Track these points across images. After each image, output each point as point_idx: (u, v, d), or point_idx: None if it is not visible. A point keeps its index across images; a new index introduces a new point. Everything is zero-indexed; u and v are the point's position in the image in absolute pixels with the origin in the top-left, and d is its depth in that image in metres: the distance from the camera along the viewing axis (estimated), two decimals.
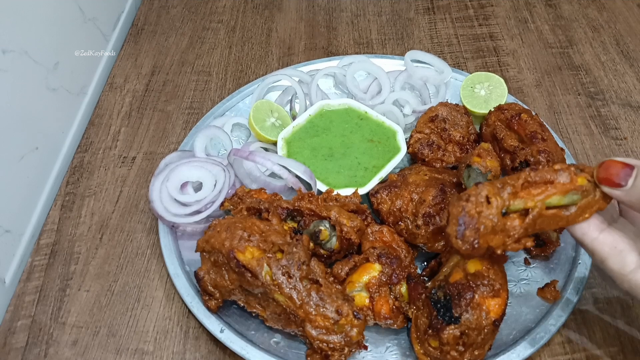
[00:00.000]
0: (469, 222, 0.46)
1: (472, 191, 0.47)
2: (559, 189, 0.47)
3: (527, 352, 0.58)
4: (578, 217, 0.48)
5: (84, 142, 0.86)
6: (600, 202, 0.48)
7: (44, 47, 0.79)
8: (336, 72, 0.88)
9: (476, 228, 0.46)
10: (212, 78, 0.96)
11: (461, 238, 0.46)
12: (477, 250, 0.46)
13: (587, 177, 0.47)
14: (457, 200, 0.47)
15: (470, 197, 0.46)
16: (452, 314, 0.53)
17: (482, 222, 0.46)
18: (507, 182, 0.47)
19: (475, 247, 0.46)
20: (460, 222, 0.46)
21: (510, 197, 0.47)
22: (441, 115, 0.76)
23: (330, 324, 0.55)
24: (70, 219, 0.75)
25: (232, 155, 0.72)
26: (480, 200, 0.46)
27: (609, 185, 0.46)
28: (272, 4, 1.12)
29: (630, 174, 0.45)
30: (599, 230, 0.48)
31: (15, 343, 0.64)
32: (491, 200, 0.46)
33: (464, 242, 0.46)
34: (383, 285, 0.59)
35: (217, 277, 0.59)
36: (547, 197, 0.47)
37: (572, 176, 0.47)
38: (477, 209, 0.46)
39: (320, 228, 0.62)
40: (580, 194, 0.47)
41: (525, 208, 0.47)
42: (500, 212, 0.47)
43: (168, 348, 0.63)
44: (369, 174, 0.73)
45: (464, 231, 0.46)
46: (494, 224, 0.46)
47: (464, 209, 0.46)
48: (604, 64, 0.96)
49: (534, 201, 0.47)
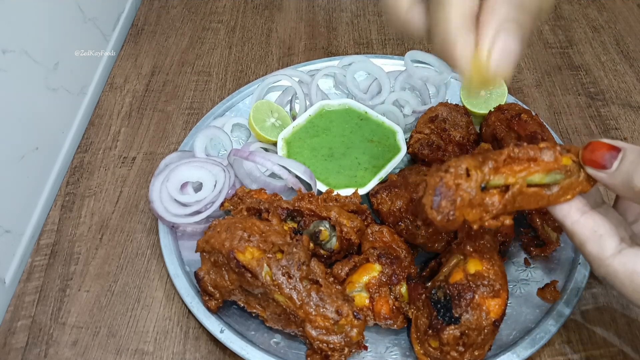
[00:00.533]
0: (446, 193, 0.44)
1: (452, 163, 0.45)
2: (542, 166, 0.45)
3: (527, 353, 0.58)
4: (560, 198, 0.46)
5: (84, 142, 0.86)
6: (584, 184, 0.46)
7: (44, 47, 0.79)
8: (336, 72, 0.88)
9: (453, 199, 0.44)
10: (212, 78, 0.96)
11: (436, 209, 0.44)
12: (452, 222, 0.45)
13: (572, 157, 0.46)
14: (436, 171, 0.46)
15: (449, 169, 0.45)
16: (452, 314, 0.53)
17: (459, 194, 0.44)
18: (490, 157, 0.46)
19: (451, 219, 0.44)
20: (437, 192, 0.44)
21: (490, 172, 0.45)
22: (441, 115, 0.76)
23: (330, 324, 0.55)
24: (70, 219, 0.75)
25: (232, 155, 0.72)
26: (459, 172, 0.45)
27: (593, 166, 0.44)
28: (272, 4, 1.12)
29: (616, 157, 0.43)
30: (581, 213, 0.46)
31: (15, 343, 0.64)
32: (471, 173, 0.45)
33: (438, 213, 0.44)
34: (383, 286, 0.60)
35: (217, 278, 0.59)
36: (529, 175, 0.45)
37: (556, 155, 0.46)
38: (455, 180, 0.44)
39: (320, 228, 0.62)
40: (564, 174, 0.46)
41: (505, 184, 0.46)
42: (479, 186, 0.45)
43: (168, 348, 0.63)
44: (369, 174, 0.73)
45: (440, 201, 0.44)
46: (472, 197, 0.45)
47: (442, 180, 0.45)
48: (604, 64, 0.96)
49: (515, 177, 0.45)
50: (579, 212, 0.46)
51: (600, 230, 0.45)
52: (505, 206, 0.46)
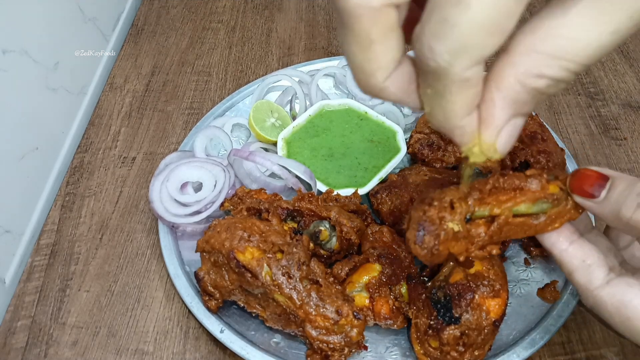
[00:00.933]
0: (429, 227, 0.43)
1: (435, 195, 0.45)
2: (528, 196, 0.45)
3: (527, 353, 0.58)
4: (548, 227, 0.46)
5: (84, 142, 0.86)
6: (572, 212, 0.45)
7: (44, 47, 0.79)
8: (336, 72, 0.88)
9: (436, 234, 0.43)
10: (212, 78, 0.96)
11: (420, 244, 0.44)
12: (437, 256, 0.44)
13: (560, 185, 0.45)
14: (420, 204, 0.45)
15: (432, 202, 0.44)
16: (452, 315, 0.53)
17: (443, 229, 0.44)
18: (475, 187, 0.45)
19: (434, 254, 0.44)
20: (420, 227, 0.44)
21: (475, 203, 0.45)
22: None
23: (330, 324, 0.55)
24: (70, 219, 0.75)
25: (232, 155, 0.72)
26: (443, 205, 0.44)
27: (581, 195, 0.43)
28: (272, 4, 1.12)
29: (604, 186, 0.42)
30: (569, 242, 0.45)
31: (15, 343, 0.64)
32: (455, 205, 0.44)
33: (422, 248, 0.44)
34: (383, 286, 0.59)
35: (217, 278, 0.59)
36: (515, 205, 0.44)
37: (543, 183, 0.45)
38: (439, 214, 0.44)
39: (320, 228, 0.62)
40: (551, 203, 0.45)
41: (491, 215, 0.45)
42: (464, 219, 0.45)
43: (168, 348, 0.63)
44: (369, 174, 0.73)
45: (423, 237, 0.44)
46: (456, 230, 0.44)
47: (425, 214, 0.44)
48: (604, 64, 0.96)
49: (500, 208, 0.45)
50: (567, 241, 0.45)
51: (588, 260, 0.44)
52: (492, 237, 0.45)
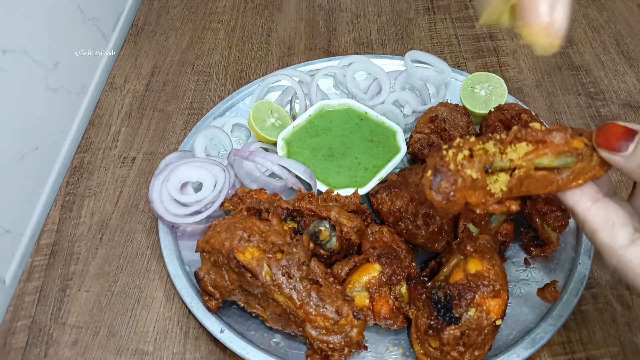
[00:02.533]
0: (446, 173, 0.41)
1: (454, 142, 0.43)
2: (552, 149, 0.42)
3: (527, 353, 0.58)
4: (571, 183, 0.43)
5: (84, 142, 0.86)
6: (597, 169, 0.43)
7: (44, 47, 0.79)
8: (336, 72, 0.88)
9: (454, 180, 0.41)
10: (212, 78, 0.96)
11: (436, 189, 0.41)
12: (453, 204, 0.42)
13: (584, 140, 0.43)
14: (437, 150, 0.43)
15: (451, 147, 0.42)
16: (452, 314, 0.53)
17: (460, 175, 0.41)
18: (495, 137, 0.43)
19: (451, 200, 0.41)
20: (437, 172, 0.41)
21: (496, 153, 0.42)
22: (441, 115, 0.76)
23: (330, 324, 0.55)
24: (70, 219, 0.75)
25: (232, 155, 0.72)
26: (462, 152, 0.42)
27: (608, 149, 0.42)
28: (272, 4, 1.12)
29: (632, 139, 0.41)
30: (593, 200, 0.43)
31: (15, 343, 0.64)
32: (475, 153, 0.42)
33: (438, 193, 0.41)
34: (383, 286, 0.59)
35: (217, 278, 0.59)
36: (537, 157, 0.42)
37: (567, 138, 0.42)
38: (457, 160, 0.42)
39: (320, 228, 0.62)
40: (575, 157, 0.42)
41: (511, 167, 0.42)
42: (483, 168, 0.42)
43: (168, 348, 0.63)
44: (369, 174, 0.73)
45: (440, 182, 0.41)
46: (475, 178, 0.42)
47: (443, 159, 0.42)
48: (604, 64, 0.96)
49: (521, 159, 0.42)
50: (590, 200, 0.43)
51: (613, 219, 0.42)
52: (511, 190, 0.43)
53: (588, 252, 0.66)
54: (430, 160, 0.43)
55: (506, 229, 0.65)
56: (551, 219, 0.64)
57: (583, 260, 0.65)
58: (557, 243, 0.66)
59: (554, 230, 0.65)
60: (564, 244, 0.67)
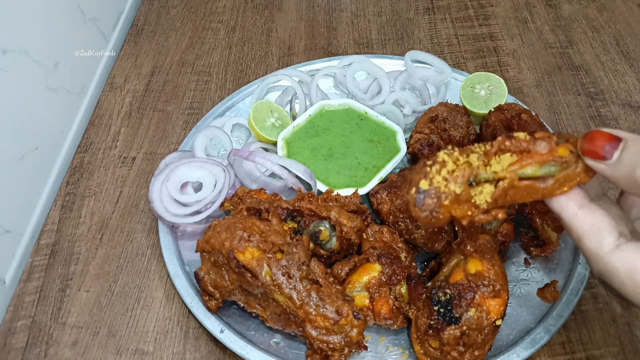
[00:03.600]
0: (429, 190, 0.42)
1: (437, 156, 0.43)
2: (536, 159, 0.43)
3: (527, 353, 0.58)
4: (556, 190, 0.44)
5: (84, 142, 0.86)
6: (582, 176, 0.43)
7: (44, 47, 0.79)
8: (336, 72, 0.88)
9: (437, 196, 0.42)
10: (212, 78, 0.96)
11: (420, 206, 0.42)
12: (437, 220, 0.43)
13: (570, 147, 0.43)
14: (421, 166, 0.43)
15: (434, 163, 0.43)
16: (452, 314, 0.53)
17: (443, 192, 0.42)
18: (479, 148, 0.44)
19: (435, 217, 0.42)
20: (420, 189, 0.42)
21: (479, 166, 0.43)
22: (441, 115, 0.76)
23: (330, 325, 0.55)
24: (70, 219, 0.75)
25: (232, 155, 0.72)
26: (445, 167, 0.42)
27: (592, 157, 0.42)
28: (272, 4, 1.12)
29: (617, 147, 0.41)
30: (579, 206, 0.43)
31: (15, 343, 0.64)
32: (457, 167, 0.43)
33: (422, 211, 0.42)
34: (383, 286, 0.59)
35: (217, 278, 0.59)
36: (521, 167, 0.43)
37: (551, 146, 0.43)
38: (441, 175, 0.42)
39: (320, 228, 0.62)
40: (560, 165, 0.43)
41: (495, 178, 0.43)
42: (467, 182, 0.43)
43: (168, 348, 0.63)
44: (369, 174, 0.73)
45: (424, 199, 0.42)
46: (458, 193, 0.42)
47: (427, 176, 0.42)
48: (604, 64, 0.96)
49: (505, 171, 0.43)
50: (577, 205, 0.44)
51: (599, 225, 0.43)
52: (496, 200, 0.44)
53: None
54: (414, 176, 0.43)
55: (506, 229, 0.65)
56: (551, 219, 0.64)
57: (583, 260, 0.65)
58: (557, 243, 0.66)
59: (554, 231, 0.65)
60: (564, 244, 0.67)
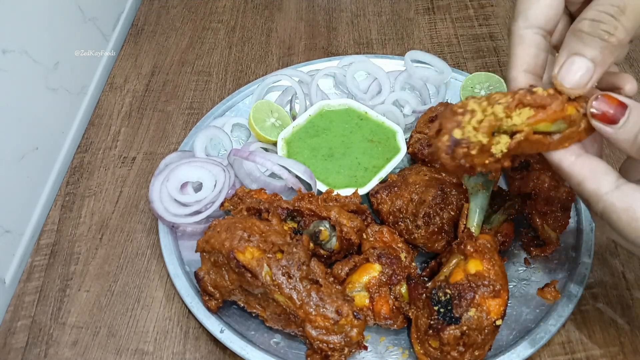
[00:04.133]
0: (463, 139, 0.44)
1: (467, 106, 0.45)
2: (549, 114, 0.45)
3: (527, 353, 0.58)
4: (559, 145, 0.47)
5: (84, 142, 0.86)
6: (582, 134, 0.46)
7: (44, 47, 0.79)
8: (336, 72, 0.88)
9: (467, 146, 0.44)
10: (212, 78, 0.96)
11: (451, 154, 0.44)
12: (465, 169, 0.45)
13: (577, 107, 0.45)
14: (452, 114, 0.45)
15: (466, 112, 0.44)
16: (452, 315, 0.53)
17: (472, 141, 0.44)
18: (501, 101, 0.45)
19: (462, 165, 0.44)
20: (452, 139, 0.44)
21: (503, 117, 0.45)
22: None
23: (330, 324, 0.55)
24: (70, 219, 0.75)
25: (232, 155, 0.72)
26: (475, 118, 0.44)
27: (601, 120, 0.44)
28: (272, 4, 1.12)
29: (624, 113, 0.44)
30: (576, 155, 0.46)
31: (15, 343, 0.64)
32: (485, 120, 0.44)
33: (453, 159, 0.44)
34: (383, 286, 0.60)
35: (217, 278, 0.59)
36: (537, 122, 0.45)
37: (563, 104, 0.45)
38: (471, 125, 0.44)
39: (320, 228, 0.62)
40: (568, 124, 0.46)
41: (513, 131, 0.45)
42: (492, 132, 0.45)
43: (168, 348, 0.63)
44: (369, 174, 0.73)
45: (456, 148, 0.44)
46: (485, 144, 0.44)
47: (460, 125, 0.44)
48: None
49: (524, 124, 0.45)
50: (574, 154, 0.46)
51: (596, 169, 0.45)
52: (509, 151, 0.46)
53: (588, 252, 0.66)
54: (446, 123, 0.44)
55: (506, 229, 0.65)
56: (551, 219, 0.64)
57: (583, 260, 0.65)
58: (557, 243, 0.66)
59: (554, 231, 0.65)
60: (564, 244, 0.67)
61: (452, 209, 0.65)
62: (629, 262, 0.69)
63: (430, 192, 0.65)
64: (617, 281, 0.67)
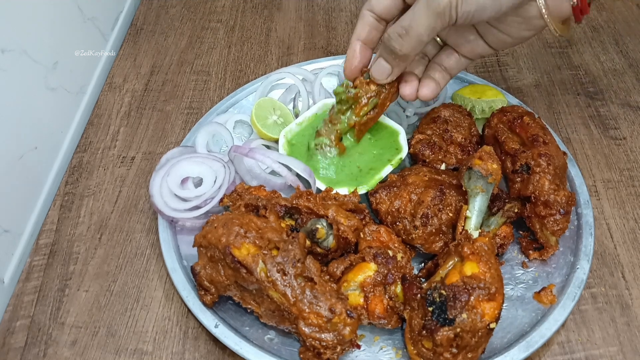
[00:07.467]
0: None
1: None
2: (361, 107, 0.68)
3: (521, 356, 0.58)
4: (383, 108, 0.69)
5: (83, 142, 0.86)
6: (393, 96, 0.68)
7: (44, 47, 0.79)
8: (340, 71, 0.88)
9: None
10: (211, 78, 0.96)
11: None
12: None
13: (372, 83, 0.66)
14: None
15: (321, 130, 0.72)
16: (446, 316, 0.53)
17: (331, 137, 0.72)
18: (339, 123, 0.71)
19: None
20: None
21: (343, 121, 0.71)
22: (443, 116, 0.76)
23: (323, 322, 0.55)
24: (69, 219, 0.75)
25: (232, 152, 0.73)
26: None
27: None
28: (271, 4, 1.12)
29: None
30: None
31: (14, 343, 0.64)
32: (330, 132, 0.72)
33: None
34: (378, 285, 0.59)
35: (213, 273, 0.59)
36: (359, 114, 0.69)
37: (364, 83, 0.67)
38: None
39: (317, 226, 0.62)
40: (376, 96, 0.67)
41: (349, 124, 0.70)
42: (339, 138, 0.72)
43: (167, 348, 0.63)
44: (370, 174, 0.73)
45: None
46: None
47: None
48: (603, 63, 0.96)
49: (356, 117, 0.70)
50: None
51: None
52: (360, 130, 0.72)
53: (587, 257, 0.65)
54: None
55: (505, 231, 0.65)
56: (550, 222, 0.64)
57: (581, 265, 0.64)
58: (556, 247, 0.66)
59: (552, 234, 0.65)
60: (563, 248, 0.67)
61: (450, 210, 0.64)
62: (629, 262, 0.69)
63: (429, 193, 0.65)
64: (617, 281, 0.67)
